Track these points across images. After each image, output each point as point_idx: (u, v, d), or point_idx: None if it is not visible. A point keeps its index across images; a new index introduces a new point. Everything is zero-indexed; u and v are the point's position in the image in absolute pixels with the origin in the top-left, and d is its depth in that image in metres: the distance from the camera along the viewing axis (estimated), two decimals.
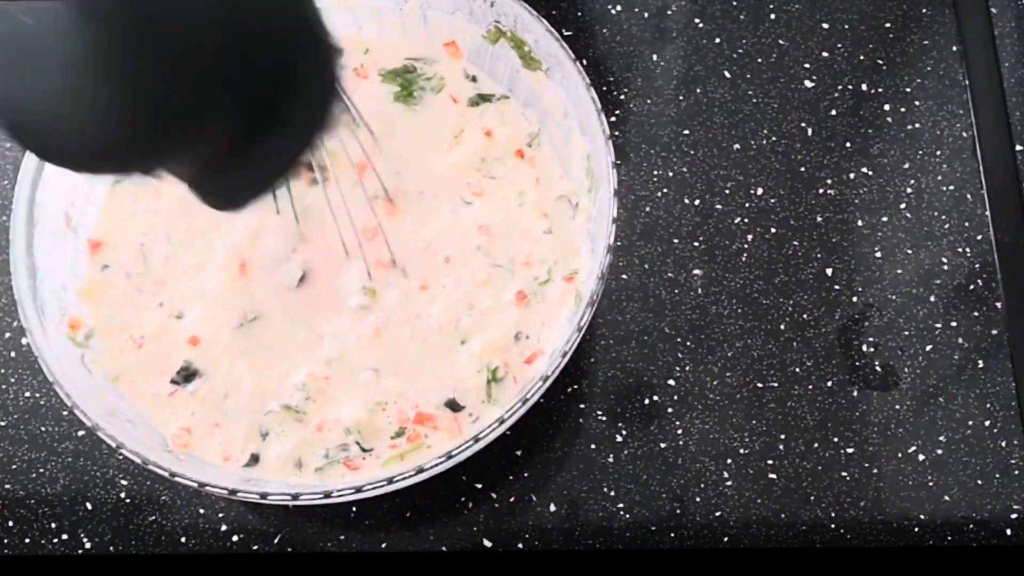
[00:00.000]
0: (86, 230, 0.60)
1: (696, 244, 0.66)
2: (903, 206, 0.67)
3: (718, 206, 0.67)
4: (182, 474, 0.51)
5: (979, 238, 0.66)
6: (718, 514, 0.60)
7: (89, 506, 0.61)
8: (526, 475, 0.61)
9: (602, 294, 0.54)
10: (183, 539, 0.60)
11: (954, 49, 0.71)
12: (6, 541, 0.60)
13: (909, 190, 0.67)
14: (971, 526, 0.60)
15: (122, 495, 0.61)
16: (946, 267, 0.65)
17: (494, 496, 0.60)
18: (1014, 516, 0.60)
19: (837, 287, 0.65)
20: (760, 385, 0.63)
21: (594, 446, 0.61)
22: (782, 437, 0.61)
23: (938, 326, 0.64)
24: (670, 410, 0.62)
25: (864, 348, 0.63)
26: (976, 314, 0.64)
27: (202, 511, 0.60)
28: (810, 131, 0.69)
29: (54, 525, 0.60)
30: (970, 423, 0.62)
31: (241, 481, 0.54)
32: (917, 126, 0.69)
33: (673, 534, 0.59)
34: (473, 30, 0.62)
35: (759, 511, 0.60)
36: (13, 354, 0.64)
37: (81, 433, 0.62)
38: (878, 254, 0.66)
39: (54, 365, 0.53)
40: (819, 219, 0.66)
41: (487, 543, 0.60)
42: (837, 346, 0.63)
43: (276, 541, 0.60)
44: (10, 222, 0.56)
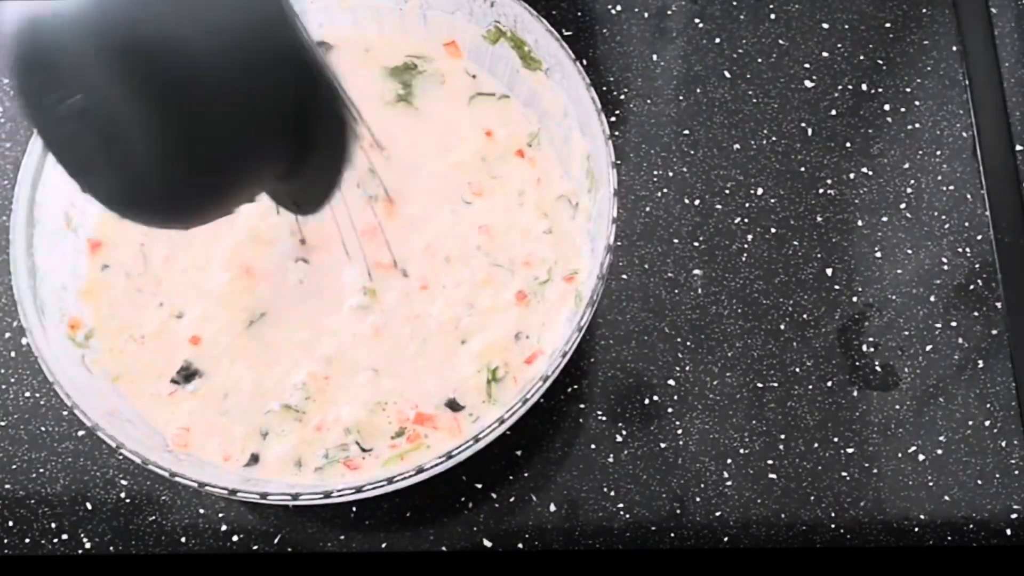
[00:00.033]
0: (86, 230, 0.60)
1: (696, 244, 0.66)
2: (903, 206, 0.67)
3: (718, 206, 0.67)
4: (182, 474, 0.51)
5: (979, 238, 0.66)
6: (718, 514, 0.60)
7: (89, 506, 0.61)
8: (526, 475, 0.61)
9: (602, 294, 0.54)
10: (183, 539, 0.60)
11: (954, 49, 0.71)
12: (6, 541, 0.60)
13: (909, 190, 0.67)
14: (971, 526, 0.60)
15: (122, 495, 0.61)
16: (946, 267, 0.65)
17: (494, 496, 0.60)
18: (1014, 516, 0.60)
19: (837, 287, 0.65)
20: (760, 385, 0.63)
21: (594, 446, 0.61)
22: (782, 437, 0.61)
23: (938, 326, 0.64)
24: (670, 410, 0.62)
25: (864, 348, 0.63)
26: (976, 314, 0.64)
27: (202, 511, 0.60)
28: (810, 131, 0.69)
29: (54, 525, 0.60)
30: (970, 423, 0.62)
31: (241, 481, 0.54)
32: (917, 126, 0.69)
33: (673, 534, 0.59)
34: (473, 30, 0.62)
35: (759, 511, 0.60)
36: (13, 354, 0.64)
37: (81, 433, 0.62)
38: (878, 254, 0.66)
39: (54, 365, 0.53)
40: (819, 219, 0.66)
41: (487, 543, 0.60)
42: (837, 346, 0.63)
43: (276, 541, 0.60)
44: (10, 222, 0.56)
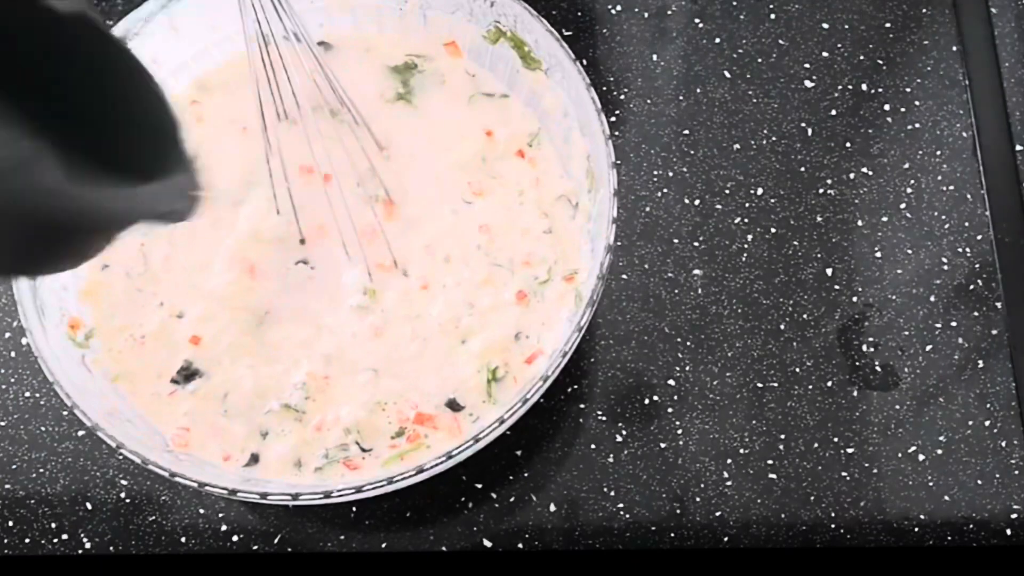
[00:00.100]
0: None
1: (696, 244, 0.66)
2: (903, 206, 0.67)
3: (718, 206, 0.67)
4: (182, 474, 0.51)
5: (979, 238, 0.66)
6: (718, 514, 0.60)
7: (89, 506, 0.61)
8: (526, 475, 0.61)
9: (602, 294, 0.54)
10: (183, 539, 0.60)
11: (954, 49, 0.71)
12: (6, 541, 0.60)
13: (909, 190, 0.67)
14: (971, 526, 0.60)
15: (122, 495, 0.61)
16: (946, 267, 0.65)
17: (494, 496, 0.60)
18: (1014, 516, 0.60)
19: (837, 287, 0.65)
20: (760, 385, 0.63)
21: (594, 446, 0.61)
22: (782, 437, 0.61)
23: (938, 326, 0.64)
24: (670, 410, 0.62)
25: (864, 348, 0.63)
26: (976, 314, 0.64)
27: (202, 511, 0.60)
28: (810, 131, 0.69)
29: (54, 525, 0.60)
30: (970, 423, 0.62)
31: (241, 481, 0.54)
32: (917, 126, 0.69)
33: (673, 534, 0.59)
34: (473, 30, 0.62)
35: (759, 511, 0.60)
36: (13, 354, 0.64)
37: (81, 433, 0.62)
38: (878, 254, 0.66)
39: (54, 365, 0.53)
40: (819, 219, 0.66)
41: (487, 543, 0.60)
42: (837, 346, 0.63)
43: (276, 541, 0.60)
44: None
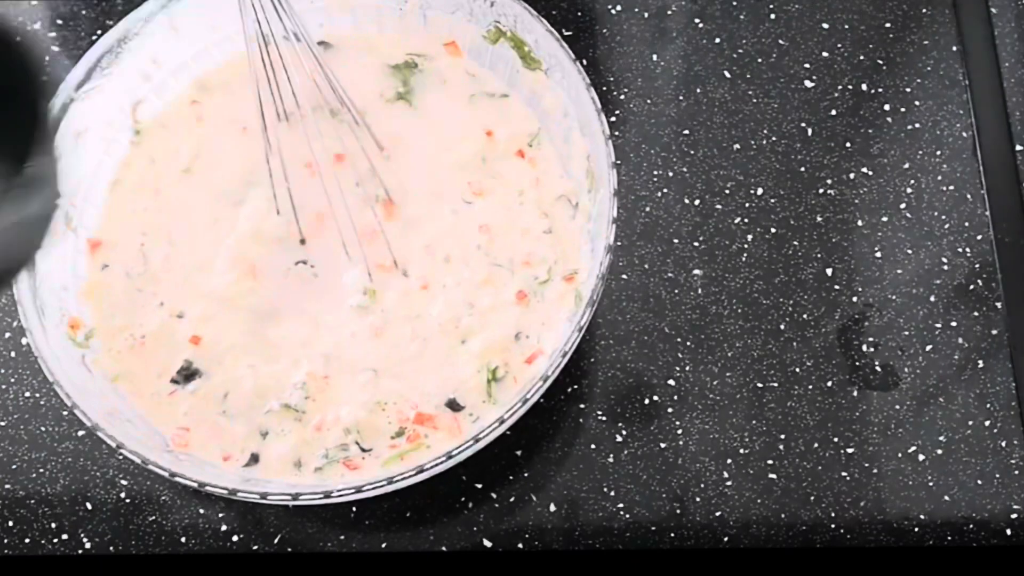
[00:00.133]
0: (86, 230, 0.60)
1: (696, 244, 0.66)
2: (903, 206, 0.67)
3: (718, 206, 0.67)
4: (182, 474, 0.51)
5: (979, 238, 0.66)
6: (718, 514, 0.60)
7: (89, 506, 0.61)
8: (526, 475, 0.61)
9: (602, 294, 0.54)
10: (183, 539, 0.60)
11: (954, 49, 0.71)
12: (6, 541, 0.60)
13: (909, 190, 0.67)
14: (971, 526, 0.60)
15: (122, 495, 0.61)
16: (946, 267, 0.65)
17: (494, 496, 0.60)
18: (1014, 516, 0.60)
19: (837, 287, 0.65)
20: (760, 385, 0.63)
21: (594, 446, 0.61)
22: (782, 437, 0.61)
23: (938, 326, 0.64)
24: (670, 410, 0.62)
25: (864, 348, 0.63)
26: (976, 314, 0.64)
27: (202, 511, 0.60)
28: (810, 131, 0.69)
29: (54, 525, 0.60)
30: (970, 423, 0.62)
31: (241, 481, 0.54)
32: (917, 126, 0.69)
33: (673, 534, 0.59)
34: (473, 30, 0.62)
35: (759, 511, 0.60)
36: (13, 354, 0.64)
37: (81, 433, 0.62)
38: (878, 254, 0.66)
39: (54, 365, 0.53)
40: (819, 219, 0.66)
41: (487, 543, 0.60)
42: (837, 346, 0.63)
43: (276, 541, 0.60)
44: None
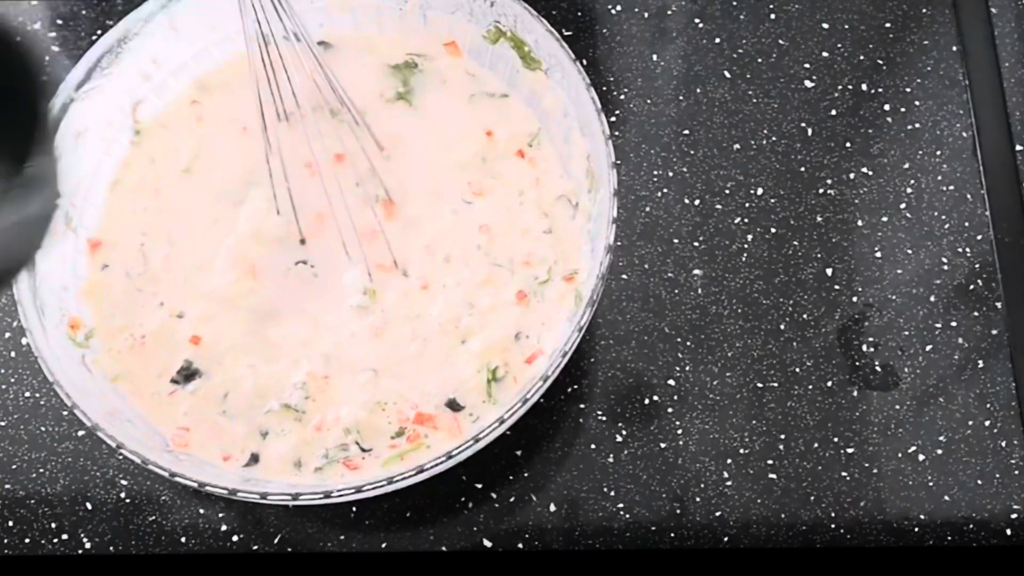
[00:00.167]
0: (86, 230, 0.60)
1: (696, 244, 0.66)
2: (903, 206, 0.67)
3: (718, 206, 0.67)
4: (182, 474, 0.51)
5: (979, 238, 0.66)
6: (718, 514, 0.60)
7: (89, 506, 0.61)
8: (526, 475, 0.61)
9: (602, 294, 0.54)
10: (183, 539, 0.60)
11: (954, 49, 0.71)
12: (6, 541, 0.60)
13: (909, 190, 0.67)
14: (971, 526, 0.60)
15: (122, 495, 0.61)
16: (946, 267, 0.65)
17: (494, 496, 0.60)
18: (1014, 516, 0.60)
19: (837, 287, 0.65)
20: (760, 385, 0.63)
21: (594, 446, 0.61)
22: (782, 437, 0.61)
23: (938, 326, 0.64)
24: (670, 410, 0.62)
25: (864, 348, 0.63)
26: (976, 314, 0.64)
27: (202, 511, 0.60)
28: (810, 131, 0.69)
29: (54, 525, 0.60)
30: (970, 423, 0.62)
31: (241, 481, 0.54)
32: (917, 126, 0.69)
33: (673, 534, 0.59)
34: (473, 30, 0.62)
35: (759, 511, 0.60)
36: (13, 354, 0.64)
37: (81, 433, 0.62)
38: (878, 254, 0.66)
39: (54, 365, 0.53)
40: (819, 219, 0.66)
41: (487, 543, 0.60)
42: (837, 346, 0.63)
43: (276, 541, 0.60)
44: None
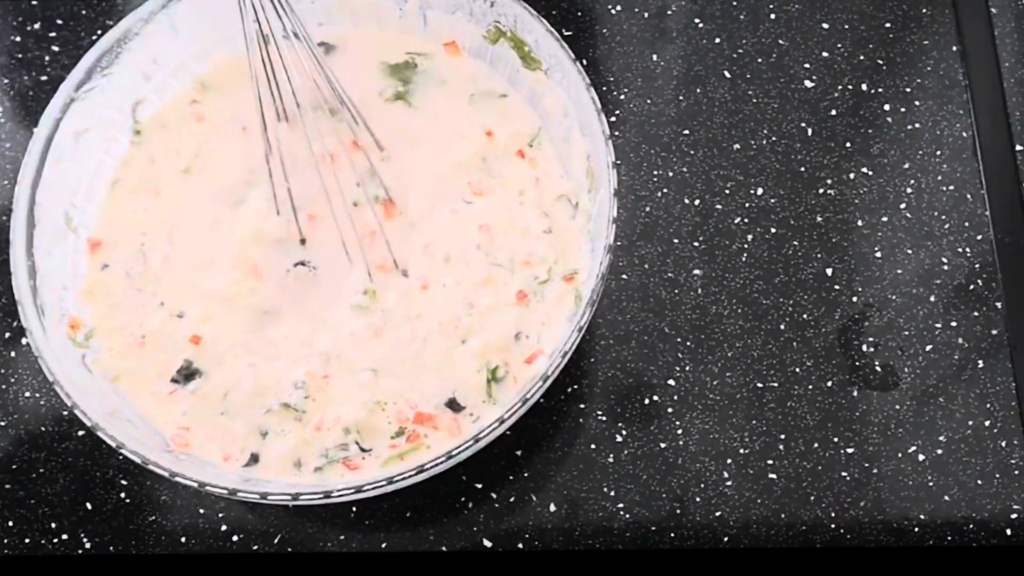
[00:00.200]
0: (86, 230, 0.60)
1: (696, 244, 0.66)
2: (903, 206, 0.67)
3: (718, 206, 0.67)
4: (182, 474, 0.51)
5: (979, 238, 0.66)
6: (718, 514, 0.60)
7: (89, 506, 0.61)
8: (526, 475, 0.61)
9: (602, 294, 0.54)
10: (183, 539, 0.60)
11: (954, 49, 0.71)
12: (6, 541, 0.60)
13: (909, 190, 0.67)
14: (971, 526, 0.60)
15: (122, 495, 0.61)
16: (946, 267, 0.65)
17: (494, 496, 0.60)
18: (1014, 516, 0.60)
19: (837, 287, 0.65)
20: (760, 385, 0.63)
21: (594, 446, 0.61)
22: (782, 437, 0.61)
23: (938, 326, 0.64)
24: (670, 410, 0.62)
25: (864, 348, 0.63)
26: (976, 314, 0.64)
27: (202, 511, 0.60)
28: (810, 131, 0.69)
29: (54, 525, 0.60)
30: (970, 423, 0.62)
31: (241, 481, 0.54)
32: (917, 126, 0.69)
33: (673, 534, 0.59)
34: (473, 30, 0.62)
35: (759, 511, 0.60)
36: (13, 354, 0.64)
37: (81, 433, 0.62)
38: (878, 254, 0.66)
39: (54, 365, 0.53)
40: (819, 219, 0.66)
41: (487, 543, 0.60)
42: (837, 346, 0.63)
43: (276, 541, 0.60)
44: (10, 222, 0.56)
